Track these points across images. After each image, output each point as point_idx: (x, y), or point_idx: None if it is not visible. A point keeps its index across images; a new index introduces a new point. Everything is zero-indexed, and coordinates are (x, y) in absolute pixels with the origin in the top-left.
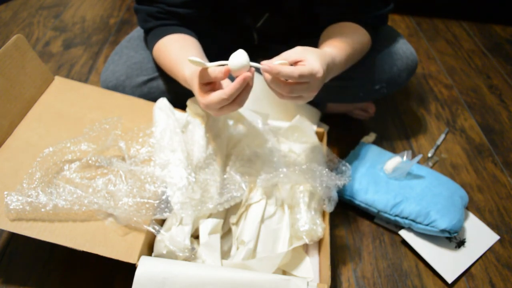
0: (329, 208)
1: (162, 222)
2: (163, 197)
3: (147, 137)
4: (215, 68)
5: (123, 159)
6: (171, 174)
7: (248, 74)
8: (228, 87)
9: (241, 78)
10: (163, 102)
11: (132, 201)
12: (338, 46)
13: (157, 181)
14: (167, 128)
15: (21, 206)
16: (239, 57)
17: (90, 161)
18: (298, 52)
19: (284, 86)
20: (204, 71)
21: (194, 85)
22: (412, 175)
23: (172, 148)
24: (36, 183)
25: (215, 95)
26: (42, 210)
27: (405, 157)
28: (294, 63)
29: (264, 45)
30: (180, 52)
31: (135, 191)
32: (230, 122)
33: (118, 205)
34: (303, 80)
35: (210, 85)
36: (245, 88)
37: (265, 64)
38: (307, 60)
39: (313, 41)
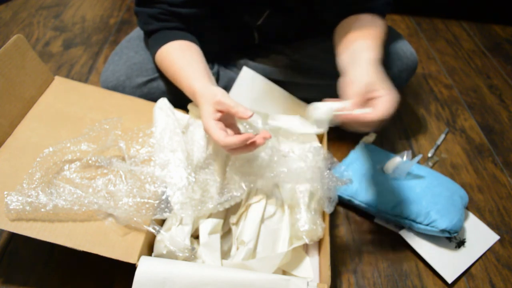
0: (328, 209)
1: (162, 222)
2: (163, 197)
3: (147, 137)
4: (240, 107)
5: (123, 159)
6: (171, 174)
7: (249, 134)
8: (229, 137)
9: (243, 137)
10: (163, 102)
11: (132, 201)
12: (372, 46)
13: (157, 181)
14: (167, 128)
15: (21, 206)
16: (320, 110)
17: (90, 161)
18: (369, 84)
19: (361, 126)
20: (227, 106)
21: (203, 105)
22: (412, 175)
23: (172, 148)
24: (36, 183)
25: (215, 132)
26: (42, 210)
27: (405, 157)
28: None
29: (264, 44)
30: (184, 61)
31: (135, 191)
32: None
33: (118, 205)
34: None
35: (222, 112)
36: (246, 147)
37: (345, 113)
38: (381, 91)
39: (313, 41)
